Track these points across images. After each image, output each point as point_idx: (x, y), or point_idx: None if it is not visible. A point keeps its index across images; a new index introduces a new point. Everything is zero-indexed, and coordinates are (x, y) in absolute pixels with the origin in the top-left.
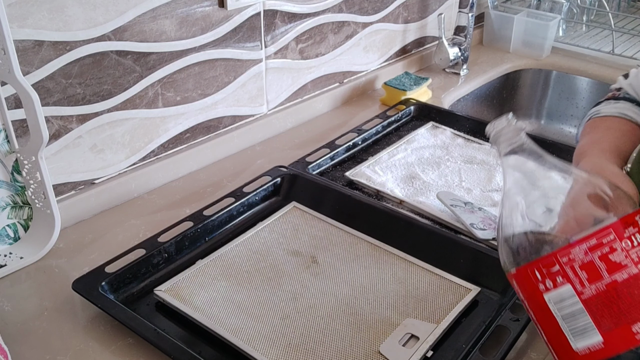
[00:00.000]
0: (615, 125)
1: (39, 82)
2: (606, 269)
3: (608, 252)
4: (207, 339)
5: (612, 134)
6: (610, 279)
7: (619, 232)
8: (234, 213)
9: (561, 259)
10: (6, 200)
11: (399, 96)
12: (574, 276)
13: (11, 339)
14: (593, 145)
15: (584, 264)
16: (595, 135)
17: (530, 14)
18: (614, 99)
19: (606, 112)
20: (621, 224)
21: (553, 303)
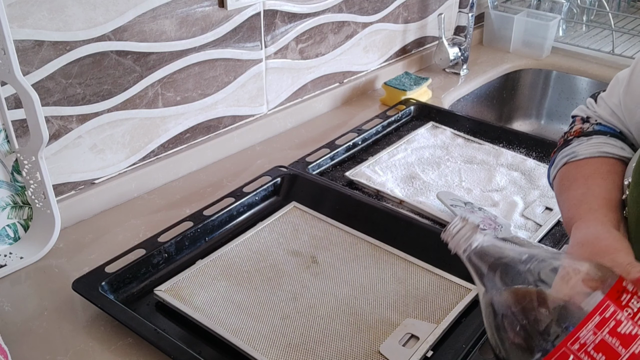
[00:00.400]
0: (595, 171)
1: (39, 82)
2: (620, 344)
3: (615, 326)
4: (207, 339)
5: (597, 183)
6: (627, 352)
7: (616, 301)
8: (234, 213)
9: (572, 347)
10: (6, 200)
11: (399, 96)
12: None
13: (11, 339)
14: (580, 206)
15: (596, 345)
16: (578, 190)
17: (530, 14)
18: (585, 135)
19: (584, 154)
20: (614, 294)
21: None
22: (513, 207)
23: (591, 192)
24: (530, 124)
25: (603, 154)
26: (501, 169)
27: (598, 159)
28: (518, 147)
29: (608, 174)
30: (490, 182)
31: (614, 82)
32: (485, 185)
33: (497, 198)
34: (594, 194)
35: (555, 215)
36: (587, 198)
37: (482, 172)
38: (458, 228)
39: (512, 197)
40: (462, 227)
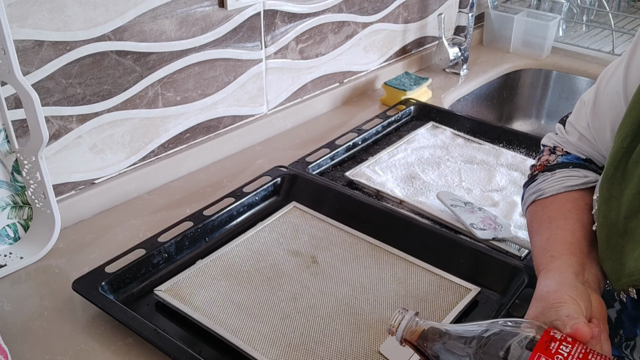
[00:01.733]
0: (559, 211)
1: (39, 82)
2: None
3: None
4: (207, 339)
5: (560, 226)
6: None
7: (546, 352)
8: (234, 213)
9: None
10: (6, 200)
11: (399, 96)
12: None
13: (11, 339)
14: (544, 255)
15: None
16: (543, 236)
17: (530, 14)
18: (549, 169)
19: (549, 191)
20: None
21: None
22: (513, 207)
23: (554, 237)
24: (530, 124)
25: (567, 189)
26: (501, 169)
27: (563, 195)
28: (518, 147)
29: (569, 212)
30: (490, 182)
31: (579, 105)
32: (485, 185)
33: (497, 198)
34: (556, 240)
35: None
36: (549, 245)
37: (482, 172)
38: (399, 321)
39: (512, 197)
40: (401, 320)
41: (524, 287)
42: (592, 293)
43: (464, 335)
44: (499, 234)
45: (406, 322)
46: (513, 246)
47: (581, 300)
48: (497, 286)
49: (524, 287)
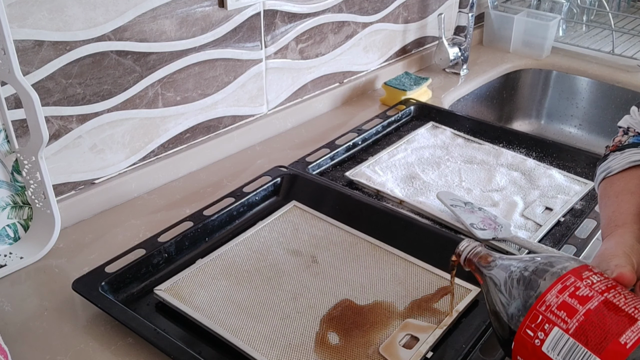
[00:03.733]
0: (625, 186)
1: (39, 82)
2: (578, 303)
3: (574, 291)
4: (207, 339)
5: (625, 199)
6: (584, 308)
7: (577, 275)
8: (234, 213)
9: (540, 309)
10: (6, 200)
11: (399, 96)
12: (556, 318)
13: (11, 339)
14: (609, 225)
15: (559, 305)
16: (610, 209)
17: (530, 14)
18: (619, 149)
19: (616, 168)
20: (577, 270)
21: (551, 350)
22: (513, 207)
23: (619, 209)
24: (530, 124)
25: (632, 164)
26: (501, 169)
27: (629, 171)
28: (518, 147)
29: (636, 187)
30: (490, 182)
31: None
32: (485, 185)
33: (497, 198)
34: (621, 211)
35: (555, 215)
36: (615, 216)
37: (482, 172)
38: (465, 244)
39: (512, 197)
40: (468, 243)
41: None
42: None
43: (518, 261)
44: (499, 234)
45: (472, 247)
46: (513, 246)
47: (635, 257)
48: None
49: None
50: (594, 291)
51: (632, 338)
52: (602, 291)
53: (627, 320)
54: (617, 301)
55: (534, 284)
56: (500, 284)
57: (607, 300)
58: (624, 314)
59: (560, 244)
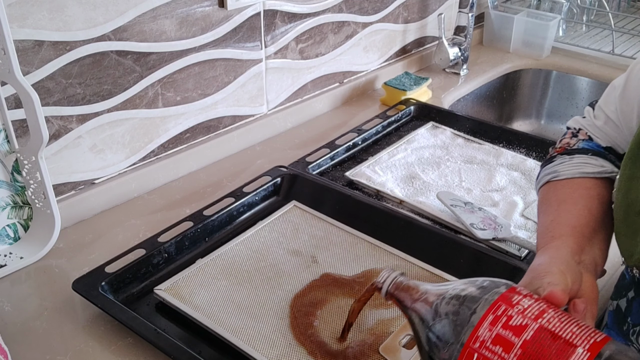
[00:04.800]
0: (569, 196)
1: (39, 82)
2: (513, 334)
3: (507, 320)
4: (207, 339)
5: (567, 209)
6: (520, 340)
7: (507, 302)
8: (234, 213)
9: (473, 345)
10: (6, 200)
11: (399, 96)
12: (492, 354)
13: (11, 339)
14: (546, 234)
15: (493, 339)
16: (549, 217)
17: (530, 14)
18: (568, 153)
19: (564, 174)
20: (505, 296)
21: None
22: (513, 207)
23: (558, 219)
24: (530, 124)
25: (582, 175)
26: (501, 169)
27: (577, 180)
28: (518, 147)
29: (580, 198)
30: (490, 182)
31: (609, 89)
32: (485, 185)
33: (497, 198)
34: (560, 222)
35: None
36: (553, 226)
37: (482, 172)
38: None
39: (512, 197)
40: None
41: None
42: (586, 273)
43: (443, 292)
44: (499, 234)
45: (392, 277)
46: (513, 246)
47: (569, 275)
48: None
49: None
50: (527, 318)
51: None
52: (535, 317)
53: (566, 348)
54: (552, 327)
55: (463, 317)
56: (427, 320)
57: (542, 327)
58: (562, 341)
59: None
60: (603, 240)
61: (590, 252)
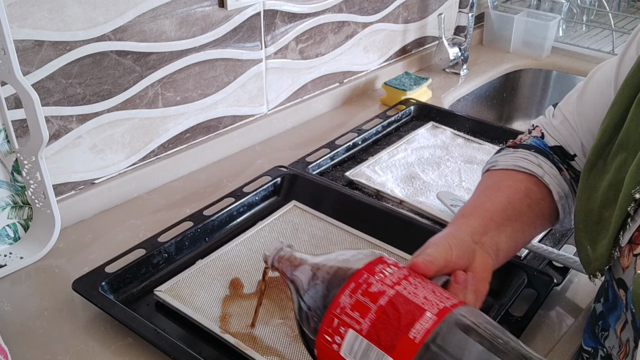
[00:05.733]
0: (496, 183)
1: (39, 82)
2: (370, 300)
3: (367, 287)
4: (207, 339)
5: (488, 195)
6: (376, 306)
7: (370, 271)
8: (234, 213)
9: (334, 310)
10: (6, 200)
11: (399, 96)
12: (350, 319)
13: (11, 339)
14: (458, 213)
15: (352, 305)
16: (472, 199)
17: (530, 14)
18: (514, 146)
19: (501, 165)
20: (370, 265)
21: (348, 354)
22: None
23: (476, 202)
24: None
25: (516, 167)
26: None
27: (510, 171)
28: None
29: (506, 188)
30: None
31: (572, 91)
32: None
33: None
34: (475, 204)
35: None
36: (468, 206)
37: None
38: (272, 248)
39: None
40: (275, 247)
41: (524, 287)
42: (482, 253)
43: (318, 263)
44: None
45: (277, 249)
46: None
47: (457, 250)
48: (497, 286)
49: (523, 287)
50: (385, 285)
51: (421, 331)
52: (393, 284)
53: (416, 313)
54: (407, 293)
55: (330, 286)
56: (301, 290)
57: (398, 294)
58: (413, 306)
59: (560, 244)
60: (517, 230)
61: (495, 237)
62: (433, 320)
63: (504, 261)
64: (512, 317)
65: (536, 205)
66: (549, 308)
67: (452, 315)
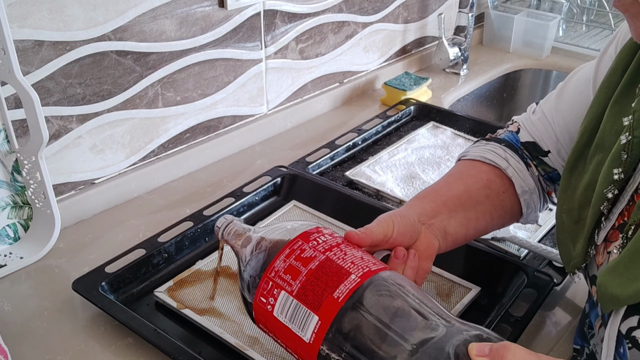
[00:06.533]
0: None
1: (39, 82)
2: (302, 265)
3: (300, 253)
4: (207, 339)
5: (448, 182)
6: (306, 269)
7: (305, 238)
8: (234, 213)
9: (269, 274)
10: (6, 200)
11: (399, 96)
12: (283, 282)
13: (11, 339)
14: (416, 195)
15: (285, 269)
16: (434, 184)
17: (530, 14)
18: (487, 139)
19: (471, 155)
20: (306, 234)
21: (280, 313)
22: None
23: (435, 186)
24: None
25: (482, 159)
26: None
27: (475, 162)
28: None
29: (467, 177)
30: None
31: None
32: None
33: None
34: (433, 188)
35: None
36: (426, 189)
37: None
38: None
39: None
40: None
41: (524, 287)
42: (428, 233)
43: (262, 234)
44: (497, 233)
45: (226, 222)
46: (512, 246)
47: (399, 227)
48: (497, 286)
49: (523, 287)
50: (317, 251)
51: (344, 291)
52: (325, 250)
53: (342, 275)
54: (336, 258)
55: (269, 254)
56: (245, 258)
57: (328, 259)
58: (339, 269)
59: None
60: (470, 218)
61: (444, 220)
62: (356, 282)
63: (454, 246)
64: (512, 317)
65: (496, 196)
66: (549, 308)
67: (375, 277)
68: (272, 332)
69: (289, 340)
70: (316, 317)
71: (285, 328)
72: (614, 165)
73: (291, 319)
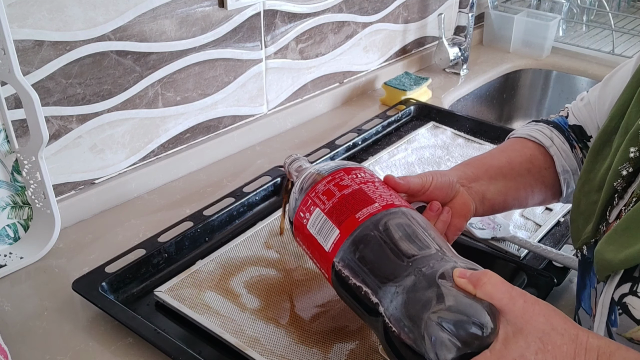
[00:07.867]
0: (506, 146)
1: (39, 82)
2: (337, 190)
3: (339, 181)
4: (207, 339)
5: (493, 153)
6: (340, 193)
7: (347, 172)
8: (234, 213)
9: (310, 194)
10: (6, 200)
11: (399, 96)
12: (319, 201)
13: (11, 339)
14: (462, 162)
15: (324, 192)
16: (480, 154)
17: (530, 14)
18: (538, 120)
19: (518, 133)
20: (350, 169)
21: (311, 227)
22: None
23: (481, 156)
24: None
25: (528, 137)
26: None
27: (521, 139)
28: None
29: (511, 150)
30: None
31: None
32: None
33: None
34: (478, 158)
35: (554, 215)
36: (471, 158)
37: None
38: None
39: None
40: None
41: (524, 287)
42: (464, 194)
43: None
44: (497, 233)
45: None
46: (512, 246)
47: (437, 182)
48: None
49: (523, 287)
50: (353, 182)
51: (365, 214)
52: (360, 183)
53: (368, 202)
54: (368, 190)
55: (314, 180)
56: (297, 186)
57: (360, 189)
58: (367, 198)
59: (560, 244)
60: (509, 187)
61: (483, 185)
62: (377, 209)
63: (492, 212)
64: None
65: (537, 172)
66: None
67: (395, 209)
68: (304, 244)
69: (315, 250)
70: (338, 231)
71: (313, 239)
72: (632, 144)
73: (319, 232)
